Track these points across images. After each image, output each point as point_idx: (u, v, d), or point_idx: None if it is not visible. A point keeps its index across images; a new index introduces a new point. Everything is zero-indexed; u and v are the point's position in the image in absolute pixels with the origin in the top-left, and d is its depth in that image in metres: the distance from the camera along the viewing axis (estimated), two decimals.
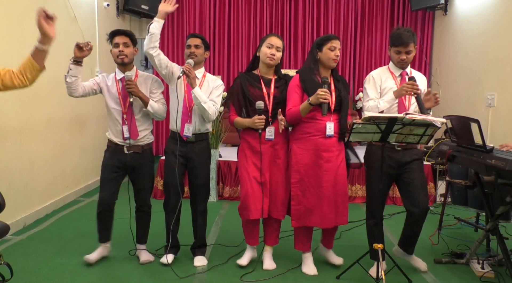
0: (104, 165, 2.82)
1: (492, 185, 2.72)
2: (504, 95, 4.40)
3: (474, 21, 5.10)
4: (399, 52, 2.62)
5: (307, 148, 2.65)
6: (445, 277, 2.72)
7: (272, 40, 2.68)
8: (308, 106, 2.54)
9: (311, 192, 2.66)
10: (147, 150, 2.85)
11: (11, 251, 3.05)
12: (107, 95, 2.79)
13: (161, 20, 2.63)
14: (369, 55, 6.70)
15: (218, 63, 6.76)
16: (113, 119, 2.78)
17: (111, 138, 2.81)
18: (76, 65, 2.61)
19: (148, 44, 2.63)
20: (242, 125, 2.73)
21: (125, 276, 2.67)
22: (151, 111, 2.76)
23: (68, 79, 2.62)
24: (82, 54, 2.58)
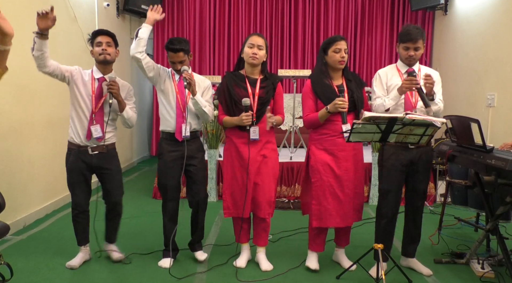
0: (70, 169, 2.77)
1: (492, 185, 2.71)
2: (504, 95, 4.40)
3: (474, 21, 5.10)
4: (407, 48, 2.62)
5: (326, 148, 2.67)
6: (445, 277, 2.72)
7: (253, 40, 2.67)
8: (326, 113, 2.58)
9: (330, 191, 2.66)
10: (111, 150, 2.83)
11: (11, 251, 3.05)
12: (79, 90, 2.70)
13: (149, 26, 2.65)
14: (369, 55, 6.71)
15: (218, 63, 6.76)
16: (80, 117, 2.71)
17: (74, 140, 2.74)
18: (40, 39, 2.44)
19: (136, 48, 2.63)
20: (230, 123, 2.74)
21: (125, 276, 2.67)
22: (125, 117, 2.75)
23: (34, 53, 2.49)
24: (45, 24, 2.39)
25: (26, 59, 3.63)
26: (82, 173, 2.76)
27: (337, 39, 2.62)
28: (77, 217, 2.81)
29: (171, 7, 6.69)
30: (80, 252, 2.85)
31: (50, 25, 2.43)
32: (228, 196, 2.79)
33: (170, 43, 2.70)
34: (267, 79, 2.77)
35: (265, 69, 2.79)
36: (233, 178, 2.76)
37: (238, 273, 2.72)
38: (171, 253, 2.83)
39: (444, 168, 4.45)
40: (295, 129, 5.15)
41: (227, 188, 2.80)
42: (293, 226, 3.60)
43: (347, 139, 2.42)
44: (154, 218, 2.99)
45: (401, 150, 2.63)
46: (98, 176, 2.84)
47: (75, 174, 2.76)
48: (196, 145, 2.87)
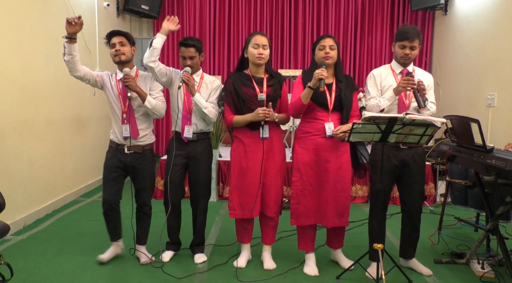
0: (106, 165, 2.83)
1: (492, 185, 2.72)
2: (504, 95, 4.40)
3: (474, 21, 5.10)
4: (403, 46, 2.62)
5: (307, 147, 2.68)
6: (445, 277, 2.72)
7: (257, 39, 2.68)
8: (308, 90, 2.55)
9: (310, 191, 2.69)
10: (147, 151, 2.86)
11: (11, 251, 3.05)
12: (110, 94, 2.81)
13: (164, 36, 2.69)
14: (369, 55, 6.70)
15: (218, 63, 6.75)
16: (116, 118, 2.81)
17: (113, 138, 2.83)
18: (70, 43, 2.58)
19: (149, 58, 2.67)
20: (244, 121, 2.71)
21: (125, 276, 2.67)
22: (149, 107, 2.75)
23: (65, 58, 2.62)
24: (74, 29, 2.56)
25: (26, 59, 3.65)
26: (115, 170, 2.80)
27: (322, 37, 2.66)
28: (106, 214, 2.85)
29: (171, 7, 6.69)
30: (112, 247, 2.90)
31: (78, 29, 2.58)
32: (235, 196, 2.77)
33: (184, 39, 2.80)
34: (273, 78, 2.78)
35: (269, 67, 2.79)
36: (241, 178, 2.74)
37: (238, 273, 2.72)
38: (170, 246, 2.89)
39: (444, 168, 4.45)
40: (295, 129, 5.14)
41: (235, 189, 2.78)
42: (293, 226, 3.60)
43: (347, 139, 2.42)
44: (154, 218, 2.99)
45: (393, 150, 2.62)
46: (131, 175, 2.87)
47: (109, 170, 2.81)
48: (202, 147, 2.87)
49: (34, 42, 3.77)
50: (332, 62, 2.64)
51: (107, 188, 2.81)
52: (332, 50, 2.62)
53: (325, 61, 2.60)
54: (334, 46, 2.63)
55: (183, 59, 2.80)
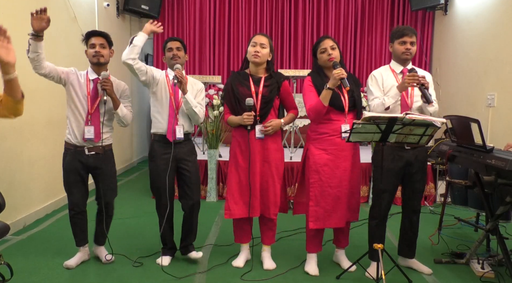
0: (67, 169, 2.77)
1: (492, 185, 2.72)
2: (504, 95, 4.40)
3: (474, 21, 5.10)
4: (404, 42, 2.63)
5: (325, 148, 2.66)
6: (445, 277, 2.72)
7: (255, 39, 2.70)
8: (327, 92, 2.54)
9: (329, 192, 2.65)
10: (108, 151, 2.83)
11: (11, 251, 3.05)
12: (75, 92, 2.71)
13: (146, 35, 2.67)
14: (369, 55, 6.70)
15: (218, 63, 6.75)
16: (77, 118, 2.72)
17: (70, 140, 2.75)
18: (35, 41, 2.43)
19: (128, 55, 2.62)
20: (233, 122, 2.75)
21: (125, 276, 2.67)
22: (120, 115, 2.74)
23: (30, 55, 2.48)
24: (40, 26, 2.37)
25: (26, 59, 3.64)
26: (79, 173, 2.76)
27: (321, 39, 2.67)
28: (75, 217, 2.80)
29: (171, 7, 6.69)
30: (79, 252, 2.85)
31: (45, 26, 2.40)
32: (230, 196, 2.77)
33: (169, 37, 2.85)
34: (272, 78, 2.77)
35: (271, 67, 2.79)
36: (237, 178, 2.75)
37: (238, 273, 2.72)
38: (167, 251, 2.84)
39: (444, 168, 4.45)
40: (295, 129, 5.15)
41: (230, 188, 2.79)
42: (293, 226, 3.61)
43: (347, 139, 2.42)
44: (154, 218, 2.99)
45: (398, 151, 2.62)
46: (93, 176, 2.84)
47: (71, 174, 2.76)
48: (189, 147, 2.86)
49: None
50: (338, 61, 2.64)
51: (75, 192, 2.77)
52: (334, 49, 2.62)
53: (331, 62, 2.60)
54: (334, 45, 2.64)
55: (169, 51, 2.77)
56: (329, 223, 2.68)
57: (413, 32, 2.63)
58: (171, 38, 2.84)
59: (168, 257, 2.87)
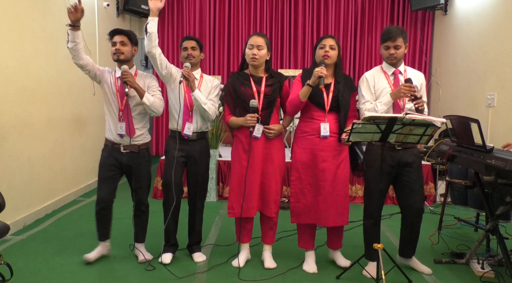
0: (101, 164, 2.84)
1: (492, 185, 2.72)
2: (504, 95, 4.40)
3: (474, 21, 5.10)
4: (387, 47, 2.64)
5: (305, 147, 2.70)
6: (445, 277, 2.72)
7: (252, 40, 2.69)
8: (307, 88, 2.57)
9: (308, 190, 2.71)
10: (143, 150, 2.86)
11: (11, 251, 3.05)
12: (109, 90, 2.81)
13: (155, 18, 2.67)
14: (369, 55, 6.70)
15: (218, 63, 6.76)
16: (112, 116, 2.81)
17: (109, 137, 2.83)
18: (73, 30, 2.61)
19: (149, 44, 2.66)
20: (236, 124, 2.76)
21: (125, 276, 2.67)
22: (147, 103, 2.75)
23: (69, 45, 2.65)
24: (75, 16, 2.59)
25: (26, 59, 3.65)
26: (112, 169, 2.81)
27: (324, 37, 2.68)
28: (99, 213, 2.84)
29: (171, 7, 6.69)
30: (99, 246, 2.89)
31: (80, 16, 2.61)
32: (234, 195, 2.78)
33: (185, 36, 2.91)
34: (273, 77, 2.78)
35: (269, 67, 2.80)
36: (241, 177, 2.75)
37: (238, 273, 2.72)
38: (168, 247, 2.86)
39: (444, 168, 4.45)
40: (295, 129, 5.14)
41: (234, 188, 2.79)
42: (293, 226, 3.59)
43: (347, 139, 2.42)
44: (154, 218, 2.99)
45: (389, 151, 2.62)
46: (127, 174, 2.89)
47: (105, 169, 2.82)
48: (201, 146, 2.88)
49: (34, 42, 3.77)
50: (331, 62, 2.65)
51: (103, 187, 2.81)
52: (332, 50, 2.63)
53: (324, 60, 2.61)
54: (335, 46, 2.64)
55: (184, 50, 2.82)
56: (308, 219, 2.73)
57: (398, 34, 2.58)
58: (187, 37, 2.88)
59: (170, 254, 2.89)
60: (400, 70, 2.69)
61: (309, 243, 2.84)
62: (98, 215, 2.84)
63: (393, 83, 2.66)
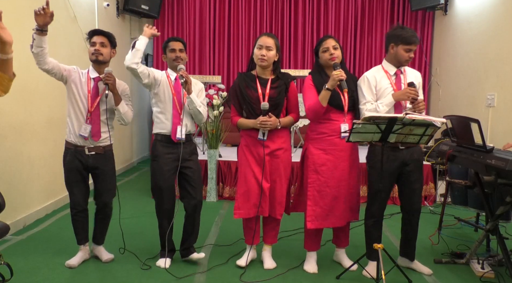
0: (68, 169, 2.79)
1: (492, 185, 2.72)
2: (504, 95, 4.40)
3: (474, 21, 5.10)
4: (409, 50, 2.64)
5: (324, 148, 2.66)
6: (445, 277, 2.72)
7: (261, 41, 2.66)
8: (326, 92, 2.55)
9: (327, 192, 2.66)
10: (108, 151, 2.83)
11: (11, 251, 3.05)
12: (76, 90, 2.72)
13: (147, 38, 2.66)
14: (369, 55, 6.71)
15: (218, 63, 6.76)
16: (77, 117, 2.73)
17: (71, 139, 2.76)
18: (39, 35, 2.47)
19: (131, 59, 2.61)
20: (246, 126, 2.73)
21: (124, 276, 2.67)
22: (121, 111, 2.74)
23: (34, 50, 2.52)
24: (43, 20, 2.41)
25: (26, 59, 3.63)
26: (79, 172, 2.77)
27: (323, 39, 2.65)
28: (76, 216, 2.82)
29: (171, 7, 6.69)
30: (80, 251, 2.86)
31: (49, 21, 2.44)
32: (240, 196, 2.76)
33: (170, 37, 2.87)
34: (279, 79, 2.75)
35: (277, 68, 2.77)
36: (247, 177, 2.73)
37: (238, 273, 2.72)
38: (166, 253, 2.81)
39: (444, 168, 4.45)
40: (295, 129, 5.15)
41: (240, 188, 2.77)
42: (293, 226, 3.61)
43: (347, 139, 2.42)
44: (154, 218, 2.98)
45: (392, 151, 2.62)
46: (92, 176, 2.85)
47: (72, 173, 2.78)
48: (191, 148, 2.86)
49: None
50: (339, 61, 2.64)
51: (76, 191, 2.79)
52: (336, 49, 2.62)
53: (332, 62, 2.60)
54: (337, 45, 2.63)
55: (171, 52, 2.75)
56: (326, 223, 2.69)
57: (418, 40, 2.65)
58: (173, 38, 2.83)
59: (168, 260, 2.84)
60: (400, 69, 2.70)
61: (316, 244, 2.84)
62: (75, 218, 2.82)
63: (395, 82, 2.66)
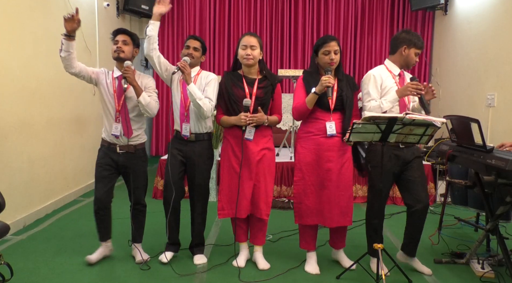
0: (97, 163, 2.83)
1: (492, 185, 2.72)
2: (504, 95, 4.40)
3: (474, 21, 5.10)
4: (418, 54, 2.70)
5: (309, 147, 2.68)
6: (445, 277, 2.72)
7: (245, 41, 2.67)
8: (313, 96, 2.57)
9: (312, 190, 2.69)
10: (139, 150, 2.86)
11: (11, 251, 3.05)
12: (104, 91, 2.80)
13: (156, 22, 2.67)
14: (369, 55, 6.71)
15: (218, 63, 6.76)
16: (108, 116, 2.80)
17: (105, 137, 2.82)
18: (68, 40, 2.58)
19: (148, 47, 2.67)
20: (228, 123, 2.74)
21: (125, 276, 2.67)
22: (143, 103, 2.74)
23: (62, 54, 2.62)
24: (71, 26, 2.55)
25: (26, 59, 3.65)
26: (108, 169, 2.80)
27: (327, 40, 2.61)
28: (98, 213, 2.84)
29: None
30: (100, 247, 2.89)
31: (76, 27, 2.57)
32: (223, 196, 2.78)
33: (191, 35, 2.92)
34: (266, 79, 2.75)
35: (263, 68, 2.77)
36: (230, 178, 2.75)
37: (238, 273, 2.72)
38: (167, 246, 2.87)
39: (444, 168, 4.45)
40: (295, 129, 5.14)
41: (223, 189, 2.79)
42: (293, 226, 3.59)
43: (347, 139, 2.42)
44: (154, 218, 2.99)
45: (393, 150, 2.63)
46: (123, 174, 2.88)
47: (100, 168, 2.81)
48: (201, 147, 2.84)
49: (34, 42, 3.77)
50: (336, 65, 2.65)
51: (100, 187, 2.80)
52: (336, 54, 2.61)
53: (330, 67, 2.61)
54: (338, 50, 2.63)
55: (186, 48, 2.81)
56: (311, 219, 2.71)
57: None
58: (193, 37, 2.86)
59: (170, 253, 2.89)
60: (403, 70, 2.75)
61: (311, 244, 2.83)
62: (97, 215, 2.84)
63: (399, 82, 2.69)
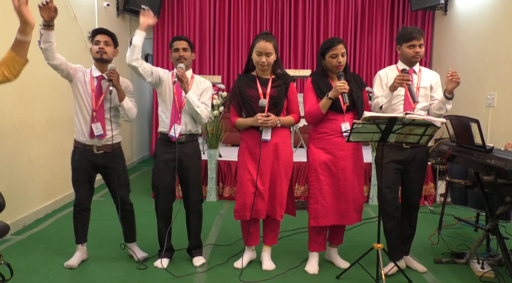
0: (75, 167, 2.77)
1: (492, 185, 2.72)
2: (504, 95, 4.40)
3: (474, 21, 5.10)
4: (413, 46, 2.65)
5: (324, 147, 2.68)
6: (445, 277, 2.72)
7: (260, 47, 2.62)
8: (327, 101, 2.58)
9: (327, 190, 2.68)
10: (117, 149, 2.83)
11: (11, 251, 3.05)
12: (82, 89, 2.72)
13: (143, 32, 2.62)
14: (369, 55, 6.71)
15: (218, 63, 6.76)
16: (84, 116, 2.73)
17: (79, 138, 2.75)
18: (47, 30, 2.51)
19: (131, 56, 2.60)
20: (244, 124, 2.73)
21: (124, 276, 2.67)
22: (125, 107, 2.73)
23: (42, 46, 2.54)
24: (48, 15, 2.46)
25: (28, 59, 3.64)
26: (87, 171, 2.78)
27: (334, 43, 2.60)
28: (78, 214, 2.82)
29: (171, 7, 6.69)
30: (78, 251, 2.86)
31: (54, 15, 2.49)
32: (239, 198, 2.75)
33: (175, 36, 2.82)
34: (279, 79, 2.75)
35: (276, 68, 2.76)
36: (246, 180, 2.71)
37: (238, 273, 2.72)
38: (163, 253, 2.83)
39: (444, 168, 4.45)
40: (295, 129, 5.15)
41: (239, 190, 2.77)
42: (293, 226, 3.61)
43: (347, 139, 2.42)
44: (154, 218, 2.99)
45: (395, 149, 2.64)
46: (103, 175, 2.85)
47: (79, 172, 2.77)
48: (191, 148, 2.83)
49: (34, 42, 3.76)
50: (343, 68, 2.66)
51: (81, 189, 2.79)
52: (343, 57, 2.62)
53: (339, 70, 2.62)
54: (345, 52, 2.63)
55: (175, 51, 2.74)
56: (327, 220, 2.70)
57: (421, 33, 2.64)
58: (178, 37, 2.80)
59: (166, 260, 2.85)
60: (414, 69, 2.72)
61: (321, 245, 2.82)
62: (77, 216, 2.82)
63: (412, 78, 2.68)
